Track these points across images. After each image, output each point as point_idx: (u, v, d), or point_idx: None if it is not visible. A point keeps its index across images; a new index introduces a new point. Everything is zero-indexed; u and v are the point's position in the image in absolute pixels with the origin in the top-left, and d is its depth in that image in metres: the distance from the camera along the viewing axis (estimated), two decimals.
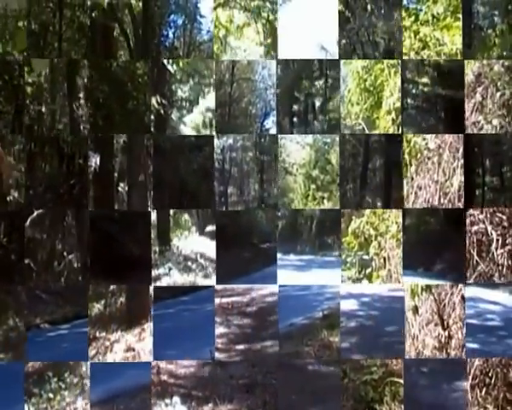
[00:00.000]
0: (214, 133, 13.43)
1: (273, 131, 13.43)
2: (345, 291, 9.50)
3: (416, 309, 8.09)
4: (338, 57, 14.17)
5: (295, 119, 18.38)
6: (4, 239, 7.69)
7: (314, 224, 15.60)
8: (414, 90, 12.55)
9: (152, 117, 8.92)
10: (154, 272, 9.01)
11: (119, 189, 10.07)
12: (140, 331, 6.38)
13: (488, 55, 12.10)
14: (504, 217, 13.99)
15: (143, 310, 6.93)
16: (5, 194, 8.57)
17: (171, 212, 11.96)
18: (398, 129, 15.45)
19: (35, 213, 8.03)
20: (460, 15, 13.51)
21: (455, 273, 11.44)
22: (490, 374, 5.37)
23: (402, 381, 2.62)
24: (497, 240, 12.09)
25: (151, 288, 7.97)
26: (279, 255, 17.45)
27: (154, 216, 10.97)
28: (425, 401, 3.78)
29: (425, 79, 12.43)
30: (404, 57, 14.61)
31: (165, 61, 9.41)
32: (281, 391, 4.05)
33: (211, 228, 13.48)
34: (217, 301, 8.82)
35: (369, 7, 13.24)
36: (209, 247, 11.71)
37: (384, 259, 13.71)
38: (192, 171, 11.89)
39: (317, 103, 16.92)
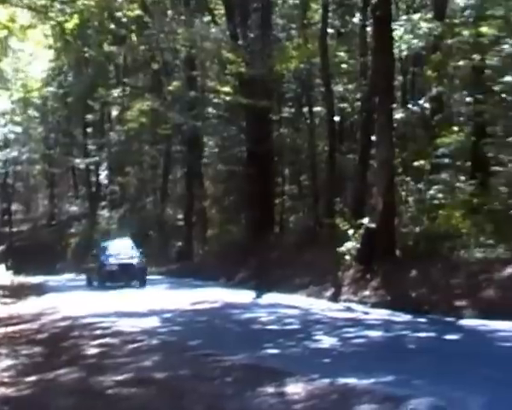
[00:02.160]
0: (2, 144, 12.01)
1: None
2: (146, 309, 9.14)
3: None
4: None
5: (90, 128, 17.09)
6: None
7: None
8: (216, 100, 12.63)
9: None
10: None
11: None
12: None
13: (287, 65, 12.64)
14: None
15: None
16: None
17: None
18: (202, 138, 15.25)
19: None
20: None
21: (255, 281, 11.73)
22: None
23: None
24: (297, 245, 12.63)
25: None
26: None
27: None
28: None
29: (227, 88, 12.59)
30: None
31: None
32: None
33: None
34: (1, 330, 7.86)
35: (169, 13, 13.02)
36: None
37: None
38: None
39: (114, 112, 15.95)
